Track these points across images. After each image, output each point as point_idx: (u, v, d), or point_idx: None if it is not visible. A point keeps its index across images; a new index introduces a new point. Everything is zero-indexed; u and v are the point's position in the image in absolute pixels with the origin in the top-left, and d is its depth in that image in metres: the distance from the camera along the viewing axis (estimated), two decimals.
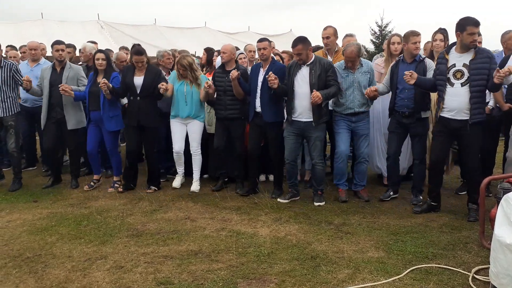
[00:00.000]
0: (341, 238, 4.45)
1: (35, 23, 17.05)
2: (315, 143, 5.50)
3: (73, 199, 6.01)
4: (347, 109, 5.56)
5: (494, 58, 4.79)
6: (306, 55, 5.36)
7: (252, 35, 20.55)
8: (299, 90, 5.42)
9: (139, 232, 4.74)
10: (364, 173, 5.76)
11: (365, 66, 5.60)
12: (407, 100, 5.32)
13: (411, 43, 5.29)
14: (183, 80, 6.10)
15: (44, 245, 4.46)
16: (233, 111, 6.02)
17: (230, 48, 6.06)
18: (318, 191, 5.61)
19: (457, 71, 4.74)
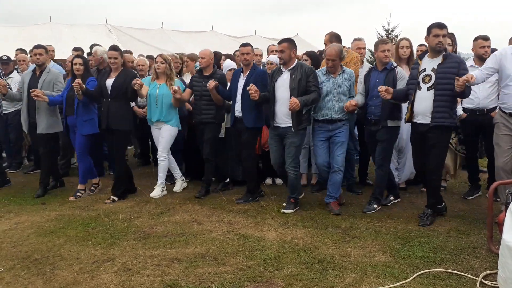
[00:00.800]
0: (348, 242, 4.45)
1: (43, 26, 17.18)
2: (290, 148, 5.41)
3: (81, 202, 6.04)
4: (324, 115, 5.45)
5: (464, 64, 4.79)
6: (289, 56, 5.34)
7: (258, 39, 20.59)
8: (279, 95, 5.40)
9: (146, 235, 4.76)
10: (338, 184, 5.50)
11: (347, 73, 5.52)
12: (374, 107, 5.34)
13: (380, 51, 5.31)
14: (157, 81, 6.14)
15: (52, 247, 4.48)
16: (207, 116, 6.06)
17: (208, 53, 6.12)
18: (291, 199, 5.52)
19: (426, 75, 4.80)
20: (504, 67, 4.74)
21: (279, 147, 5.55)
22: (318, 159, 5.55)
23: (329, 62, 5.39)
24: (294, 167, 5.45)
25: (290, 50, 5.34)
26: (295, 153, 5.45)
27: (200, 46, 15.55)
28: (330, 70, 5.45)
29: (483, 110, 5.54)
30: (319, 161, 5.54)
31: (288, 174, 5.48)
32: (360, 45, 6.49)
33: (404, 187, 6.22)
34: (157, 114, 6.11)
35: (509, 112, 4.77)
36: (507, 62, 4.72)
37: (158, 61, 6.14)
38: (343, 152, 5.49)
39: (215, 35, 20.32)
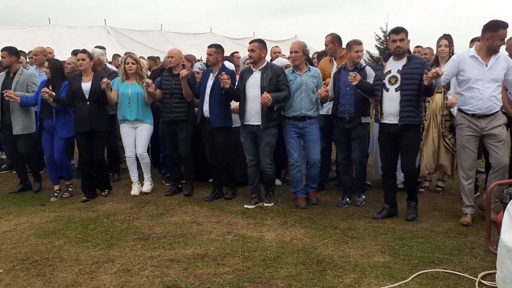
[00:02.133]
0: (347, 242, 4.46)
1: (42, 28, 17.24)
2: (265, 148, 5.59)
3: (80, 203, 6.04)
4: (294, 111, 5.60)
5: (427, 65, 4.97)
6: (259, 55, 5.54)
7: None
8: (250, 94, 5.56)
9: (145, 236, 4.76)
10: (315, 177, 5.82)
11: (313, 71, 5.71)
12: (348, 105, 5.48)
13: (354, 51, 5.47)
14: (127, 82, 6.22)
15: (52, 248, 4.49)
16: (179, 114, 6.14)
17: (177, 53, 6.24)
18: (270, 191, 5.78)
19: (392, 77, 4.96)
20: (463, 71, 4.88)
21: (253, 145, 5.72)
22: (293, 155, 5.67)
23: (292, 54, 5.61)
24: (270, 164, 5.68)
25: (260, 50, 5.55)
26: (271, 151, 5.65)
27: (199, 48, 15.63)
28: (294, 64, 5.65)
29: None
30: (295, 157, 5.67)
31: (267, 172, 5.69)
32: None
33: (402, 188, 6.22)
34: (134, 113, 6.20)
35: (471, 114, 4.90)
36: (466, 66, 4.86)
37: (129, 62, 6.22)
38: (318, 149, 5.70)
39: (214, 36, 20.38)
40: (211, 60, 5.88)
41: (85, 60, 6.06)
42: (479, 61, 4.82)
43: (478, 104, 4.83)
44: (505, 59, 4.85)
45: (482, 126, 4.87)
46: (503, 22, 4.80)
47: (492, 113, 4.84)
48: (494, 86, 4.81)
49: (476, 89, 4.83)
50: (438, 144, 5.89)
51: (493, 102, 4.82)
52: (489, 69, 4.80)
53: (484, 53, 4.83)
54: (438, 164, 6.02)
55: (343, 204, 5.68)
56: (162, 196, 6.23)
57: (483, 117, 4.85)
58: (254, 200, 5.75)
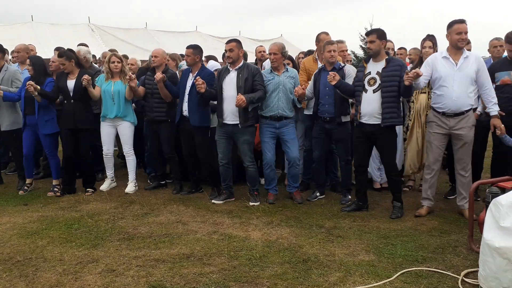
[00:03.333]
0: (332, 241, 4.49)
1: (25, 25, 16.97)
2: (243, 146, 5.68)
3: (64, 203, 5.98)
4: (271, 111, 5.67)
5: (405, 67, 5.12)
6: (237, 55, 5.60)
7: (243, 39, 20.51)
8: (226, 93, 5.61)
9: (130, 236, 4.73)
10: (297, 176, 5.88)
11: (290, 71, 5.79)
12: (328, 106, 5.58)
13: (327, 51, 5.56)
14: (111, 80, 6.27)
15: (35, 249, 4.43)
16: (159, 113, 6.22)
17: (161, 52, 6.30)
18: (255, 191, 5.81)
19: (371, 78, 5.10)
20: (435, 70, 5.03)
21: (227, 145, 5.77)
22: (268, 154, 5.73)
23: (271, 56, 5.67)
24: (251, 162, 5.75)
25: (238, 50, 5.62)
26: (249, 149, 5.72)
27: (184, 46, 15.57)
28: (273, 66, 5.71)
29: None
30: (269, 156, 5.73)
31: (248, 170, 5.77)
32: (342, 48, 6.54)
33: (386, 187, 6.28)
34: (114, 110, 6.23)
35: (441, 112, 5.03)
36: (438, 65, 5.02)
37: (114, 61, 6.26)
38: (296, 147, 5.77)
39: (199, 35, 20.30)
40: (189, 61, 5.96)
41: (65, 64, 6.12)
42: (450, 61, 4.98)
43: (447, 102, 4.98)
44: (476, 59, 4.99)
45: (451, 124, 5.01)
46: (459, 19, 4.96)
47: (461, 111, 4.96)
48: (465, 85, 4.93)
49: (445, 88, 4.97)
50: (422, 144, 5.94)
51: (463, 102, 4.94)
52: (458, 68, 4.95)
53: (453, 52, 4.99)
54: (422, 164, 6.07)
55: (313, 198, 5.85)
56: (147, 196, 6.19)
57: (453, 116, 4.99)
58: (223, 196, 5.88)
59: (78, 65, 6.23)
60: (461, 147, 5.05)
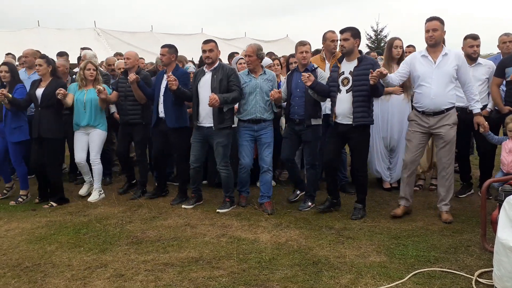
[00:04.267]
0: (343, 243, 4.43)
1: (31, 31, 17.06)
2: (218, 149, 5.56)
3: (72, 207, 5.97)
4: (249, 115, 5.57)
5: (377, 66, 5.02)
6: (216, 55, 5.57)
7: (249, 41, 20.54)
8: (202, 95, 5.53)
9: (139, 240, 4.70)
10: (269, 184, 5.66)
11: (268, 74, 5.68)
12: (297, 107, 5.48)
13: (299, 52, 5.46)
14: (84, 88, 6.22)
15: (43, 254, 4.42)
16: (134, 116, 6.18)
17: (134, 55, 6.28)
18: (226, 197, 5.67)
19: (344, 78, 5.07)
20: (414, 69, 5.00)
21: (201, 148, 5.70)
22: (245, 158, 5.65)
23: (247, 58, 5.62)
24: (225, 166, 5.62)
25: (217, 50, 5.58)
26: (224, 152, 5.59)
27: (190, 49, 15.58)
28: (249, 67, 5.64)
29: None
30: (246, 160, 5.65)
31: (221, 174, 5.65)
32: None
33: (396, 187, 6.21)
34: (86, 118, 6.16)
35: (421, 111, 4.99)
36: (417, 64, 4.99)
37: (90, 68, 6.21)
38: (271, 152, 5.65)
39: (205, 37, 20.16)
40: (164, 60, 5.90)
41: (42, 66, 6.03)
42: (429, 59, 4.94)
43: (426, 101, 4.94)
44: (456, 56, 4.94)
45: (430, 123, 4.96)
46: (431, 16, 4.93)
47: (440, 110, 4.91)
48: (444, 83, 4.89)
49: (424, 87, 4.93)
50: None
51: (442, 100, 4.90)
52: (437, 66, 4.91)
53: (432, 51, 4.95)
54: (432, 163, 6.01)
55: (294, 197, 5.80)
56: (155, 199, 6.16)
57: (432, 115, 4.94)
58: (192, 200, 5.83)
59: (53, 74, 6.13)
60: (443, 147, 5.00)
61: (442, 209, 5.06)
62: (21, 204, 6.24)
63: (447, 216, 4.97)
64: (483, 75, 5.61)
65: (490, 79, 5.60)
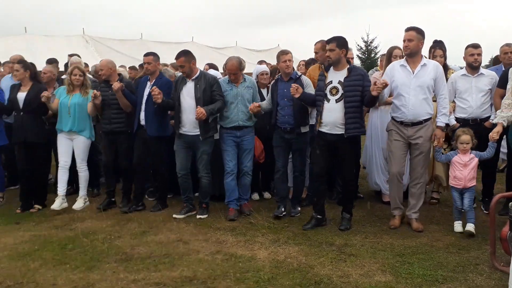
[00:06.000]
0: (345, 260, 4.20)
1: (18, 37, 16.72)
2: (202, 156, 5.57)
3: (58, 221, 5.68)
4: (231, 122, 5.59)
5: (367, 76, 5.05)
6: (189, 68, 5.49)
7: (240, 50, 20.49)
8: (185, 104, 5.51)
9: (128, 257, 4.44)
10: (247, 187, 5.79)
11: (248, 81, 5.70)
12: (287, 116, 5.41)
13: (282, 62, 5.42)
14: (71, 93, 6.04)
15: (26, 272, 4.14)
16: (118, 125, 5.99)
17: (105, 64, 6.08)
18: (203, 204, 5.68)
19: (333, 87, 4.95)
20: (393, 79, 4.94)
21: (186, 155, 5.65)
22: (229, 163, 5.62)
23: (231, 76, 5.60)
24: (207, 173, 5.65)
25: (189, 63, 5.48)
26: (207, 160, 5.62)
27: None
28: (232, 81, 5.63)
29: (477, 119, 5.44)
30: (231, 165, 5.62)
31: (202, 180, 5.65)
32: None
33: None
34: (69, 124, 5.98)
35: (400, 121, 4.95)
36: (395, 74, 4.95)
37: (76, 74, 6.03)
38: (251, 158, 5.73)
39: (196, 46, 20.04)
40: (150, 68, 5.81)
41: (19, 71, 5.97)
42: (407, 69, 4.91)
43: (404, 112, 4.88)
44: (434, 67, 4.93)
45: (408, 134, 4.92)
46: (407, 27, 4.91)
47: (418, 121, 4.88)
48: (421, 93, 4.85)
49: (402, 97, 4.89)
50: (433, 156, 5.69)
51: (420, 110, 4.86)
52: (415, 76, 4.85)
53: (411, 61, 4.92)
54: (434, 175, 5.83)
55: (279, 213, 5.53)
56: (146, 213, 5.88)
57: (410, 125, 4.91)
58: (185, 209, 5.70)
59: (33, 78, 6.05)
60: (417, 156, 4.97)
61: (412, 216, 5.04)
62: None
63: (417, 225, 4.97)
64: (485, 86, 5.46)
65: (493, 90, 5.45)
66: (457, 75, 5.63)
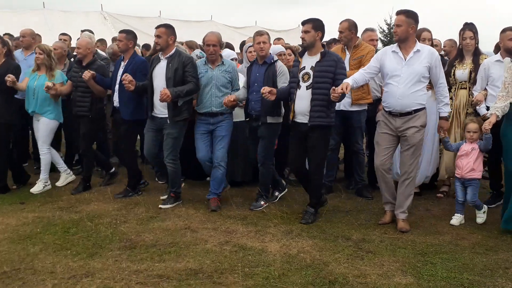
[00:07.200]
0: (362, 258, 3.90)
1: (36, 12, 16.57)
2: (168, 139, 5.16)
3: (63, 202, 5.49)
4: (204, 108, 5.23)
5: (341, 62, 4.66)
6: (166, 42, 5.09)
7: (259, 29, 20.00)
8: (156, 85, 5.14)
9: (132, 244, 4.21)
10: (219, 180, 5.26)
11: (227, 65, 5.29)
12: (254, 102, 5.11)
13: (256, 43, 5.07)
14: (37, 72, 5.82)
15: (25, 257, 3.94)
16: (81, 108, 5.74)
17: (84, 43, 5.77)
18: (171, 193, 5.31)
19: (305, 73, 4.65)
20: (383, 66, 4.58)
21: (154, 138, 5.31)
22: (198, 153, 5.29)
23: (210, 47, 5.13)
24: (172, 160, 5.20)
25: (167, 36, 5.10)
26: (173, 145, 5.18)
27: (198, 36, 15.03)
28: (210, 58, 5.21)
29: None
30: (199, 156, 5.29)
31: (168, 168, 5.24)
32: (373, 36, 5.97)
33: (418, 193, 5.68)
34: (32, 105, 5.78)
35: (388, 111, 4.60)
36: (386, 61, 4.57)
37: (37, 52, 5.77)
38: (224, 146, 5.26)
39: (214, 25, 19.66)
40: (121, 46, 5.49)
41: None
42: (399, 55, 4.52)
43: (392, 101, 4.53)
44: (429, 53, 4.49)
45: (397, 125, 4.57)
46: (397, 10, 4.53)
47: (407, 111, 4.50)
48: (413, 82, 4.44)
49: (391, 85, 4.53)
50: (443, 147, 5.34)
51: (409, 101, 4.45)
52: (406, 64, 4.46)
53: (403, 46, 4.52)
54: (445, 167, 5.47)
55: (258, 207, 5.21)
56: (154, 196, 5.64)
57: (399, 116, 4.54)
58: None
59: (7, 55, 5.77)
60: (406, 150, 4.59)
61: (399, 216, 4.65)
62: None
63: (403, 224, 4.58)
64: None
65: None
66: (490, 61, 5.22)
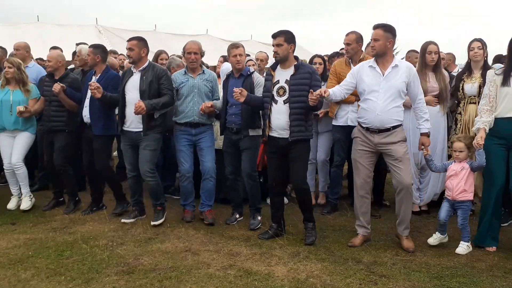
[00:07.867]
0: (376, 283, 3.68)
1: (30, 25, 16.42)
2: (143, 152, 5.00)
3: (57, 222, 5.25)
4: (186, 118, 5.12)
5: (316, 74, 4.55)
6: (138, 55, 4.99)
7: (254, 44, 19.90)
8: (130, 98, 5.01)
9: (130, 268, 3.97)
10: (211, 192, 5.22)
11: (207, 74, 5.24)
12: (234, 116, 5.00)
13: (232, 56, 4.98)
14: (8, 87, 5.64)
15: (16, 283, 3.70)
16: (57, 123, 5.57)
17: (55, 56, 5.64)
18: (157, 207, 5.18)
19: (280, 87, 4.53)
20: (361, 81, 4.44)
21: (134, 153, 5.13)
22: (184, 164, 5.16)
23: (192, 55, 5.08)
24: (150, 172, 5.03)
25: (139, 49, 5.00)
26: (151, 157, 5.04)
27: None
28: (191, 66, 5.14)
29: None
30: (185, 167, 5.17)
31: (148, 183, 5.10)
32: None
33: (426, 210, 5.48)
34: (12, 122, 5.58)
35: (366, 127, 4.44)
36: (364, 76, 4.44)
37: (6, 66, 5.61)
38: (211, 158, 5.19)
39: (210, 39, 19.61)
40: (89, 61, 5.36)
41: None
42: (376, 71, 4.40)
43: (370, 117, 4.38)
44: (407, 68, 4.35)
45: (375, 141, 4.41)
46: (374, 24, 4.41)
47: (386, 128, 4.36)
48: (392, 98, 4.32)
49: (370, 101, 4.39)
50: None
51: (388, 117, 4.30)
52: (385, 79, 4.33)
53: (381, 61, 4.41)
54: None
55: (231, 221, 5.15)
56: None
57: (377, 132, 4.39)
58: (133, 214, 5.29)
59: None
60: (396, 164, 4.38)
61: (403, 233, 4.47)
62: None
63: (409, 243, 4.40)
64: None
65: None
66: None
